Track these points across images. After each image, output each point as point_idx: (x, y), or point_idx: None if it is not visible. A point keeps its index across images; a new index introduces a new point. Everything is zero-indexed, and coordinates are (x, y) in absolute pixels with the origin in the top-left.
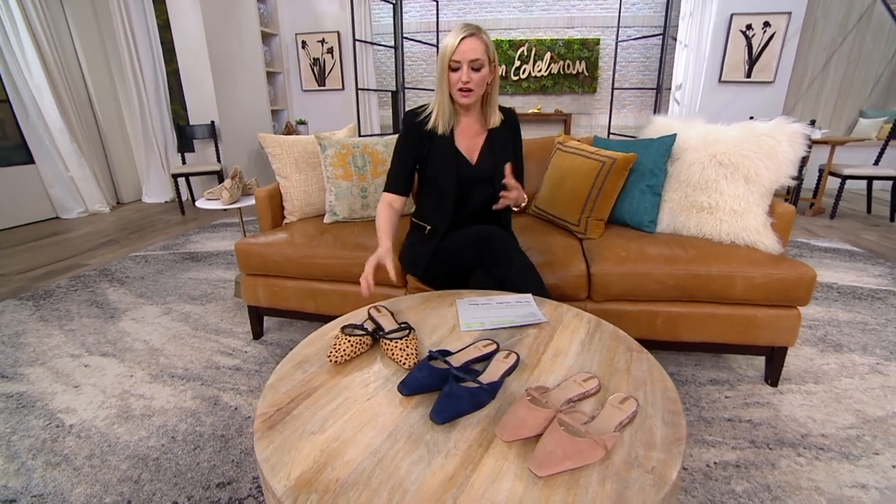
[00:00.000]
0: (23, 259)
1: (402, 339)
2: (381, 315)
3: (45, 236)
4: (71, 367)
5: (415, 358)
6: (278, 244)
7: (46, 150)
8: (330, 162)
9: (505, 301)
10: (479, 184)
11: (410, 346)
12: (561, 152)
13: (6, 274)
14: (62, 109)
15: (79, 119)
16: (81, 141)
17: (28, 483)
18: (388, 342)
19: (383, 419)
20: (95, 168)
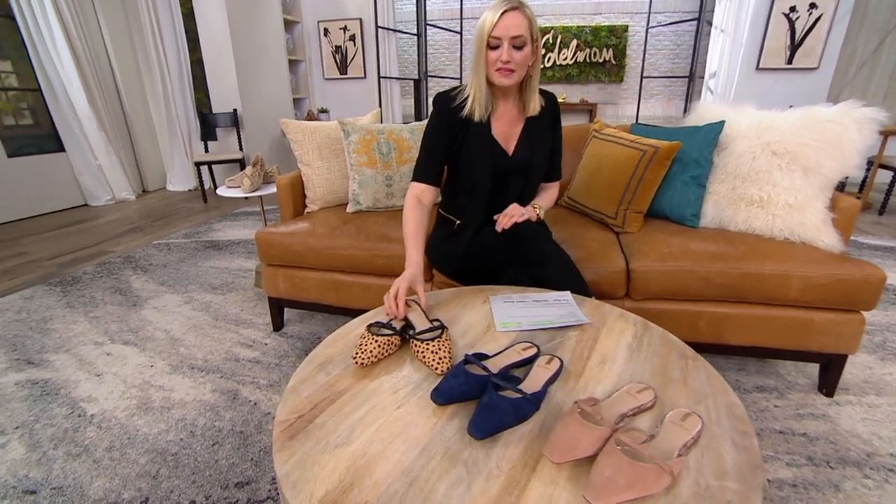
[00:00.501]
0: (53, 245)
1: (435, 341)
2: (411, 310)
3: (73, 223)
4: (94, 355)
5: (448, 363)
6: (299, 234)
7: (76, 138)
8: (353, 149)
9: (542, 299)
10: (515, 176)
11: (444, 348)
12: (597, 140)
13: (37, 260)
14: (90, 97)
15: (106, 107)
16: (109, 129)
17: (49, 474)
18: (418, 343)
19: (415, 431)
20: (122, 156)
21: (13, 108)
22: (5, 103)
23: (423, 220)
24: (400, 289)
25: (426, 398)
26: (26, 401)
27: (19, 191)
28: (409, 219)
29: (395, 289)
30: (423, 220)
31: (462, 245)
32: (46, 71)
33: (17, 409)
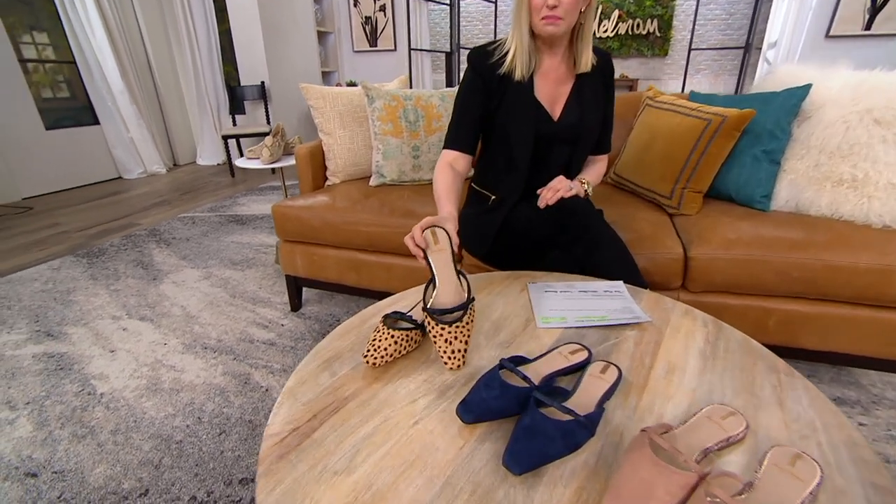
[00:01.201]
0: (84, 217)
1: (454, 326)
2: (435, 252)
3: (106, 195)
4: (110, 330)
5: (462, 358)
6: (318, 208)
7: (109, 111)
8: (378, 116)
9: (590, 289)
10: (561, 144)
11: (461, 336)
12: (651, 109)
13: (68, 231)
14: (122, 70)
15: (138, 80)
16: (140, 102)
17: (52, 456)
18: (432, 323)
19: (436, 458)
20: (153, 129)
21: (50, 80)
22: (43, 76)
23: (457, 183)
24: (424, 221)
25: (451, 412)
26: (40, 375)
27: (57, 163)
28: (440, 180)
29: (416, 230)
30: (457, 183)
31: (497, 222)
32: (80, 43)
33: (31, 383)
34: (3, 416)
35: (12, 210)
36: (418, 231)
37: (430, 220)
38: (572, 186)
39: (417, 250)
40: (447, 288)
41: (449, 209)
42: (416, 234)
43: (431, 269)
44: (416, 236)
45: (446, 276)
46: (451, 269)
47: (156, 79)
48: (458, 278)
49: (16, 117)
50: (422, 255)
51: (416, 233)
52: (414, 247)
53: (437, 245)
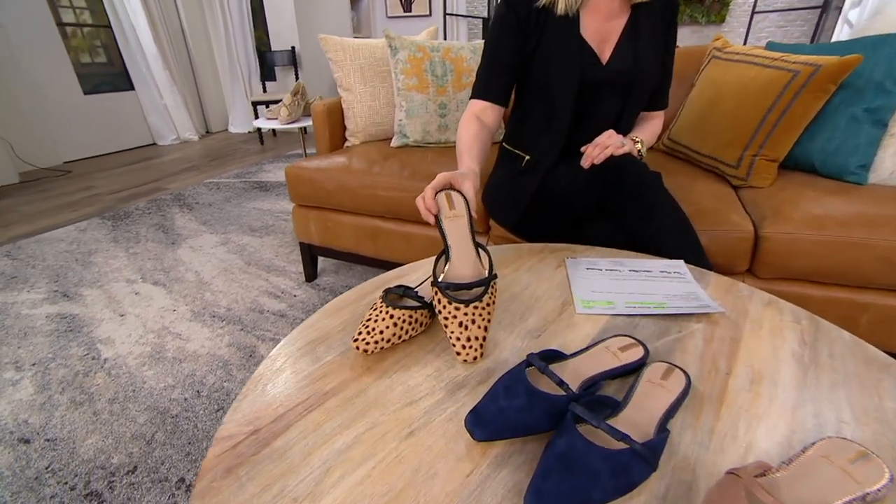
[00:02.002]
0: (116, 181)
1: (470, 306)
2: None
3: (139, 160)
4: (123, 293)
5: (479, 349)
6: (333, 170)
7: (143, 76)
8: (402, 69)
9: (644, 268)
10: (611, 93)
11: (480, 320)
12: (719, 62)
13: (99, 194)
14: (156, 35)
15: (171, 46)
16: (173, 68)
17: (47, 422)
18: (444, 301)
19: (432, 489)
20: (186, 96)
21: (88, 45)
22: (80, 40)
23: (483, 136)
24: (437, 179)
25: (459, 421)
26: (50, 336)
27: (95, 128)
28: (463, 133)
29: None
30: (483, 136)
31: (531, 186)
32: (115, 6)
33: (41, 344)
34: (7, 377)
35: (53, 173)
36: (430, 193)
37: (445, 178)
38: (624, 142)
39: (429, 215)
40: (463, 261)
41: (469, 164)
42: (427, 196)
43: (444, 238)
44: (427, 198)
45: (462, 246)
46: (467, 239)
47: (189, 45)
48: (477, 251)
49: (56, 82)
50: (433, 220)
51: (427, 194)
52: (425, 210)
53: (452, 210)
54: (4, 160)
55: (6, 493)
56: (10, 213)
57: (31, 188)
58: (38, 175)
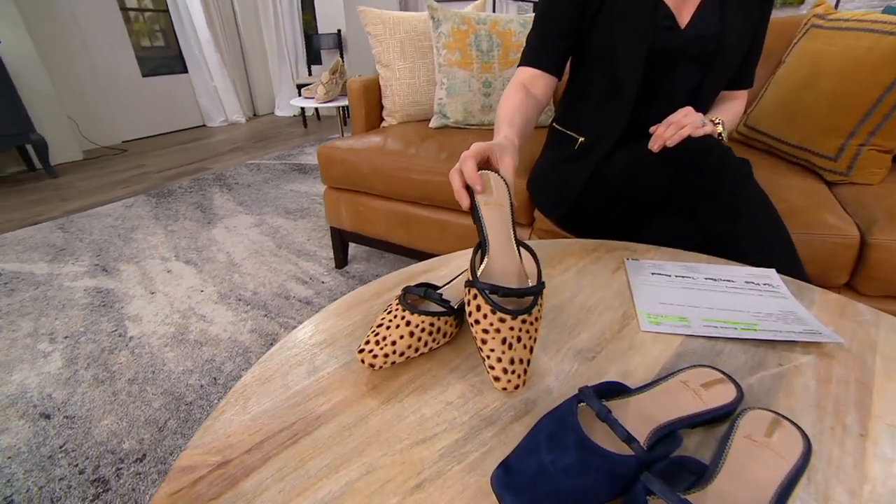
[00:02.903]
0: (166, 160)
1: (518, 319)
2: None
3: (189, 141)
4: (156, 271)
5: (523, 375)
6: (366, 150)
7: (196, 59)
8: (444, 43)
9: (724, 277)
10: (687, 65)
11: (525, 338)
12: (820, 31)
13: (148, 172)
14: (209, 19)
15: (223, 30)
16: (224, 52)
17: (69, 398)
18: (487, 313)
19: None
20: (235, 79)
21: (148, 29)
22: (141, 24)
23: (529, 107)
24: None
25: (482, 475)
26: (85, 310)
27: (151, 109)
28: (505, 102)
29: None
30: (529, 107)
31: (584, 172)
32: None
33: (75, 317)
34: (41, 348)
35: (111, 152)
36: (472, 165)
37: (482, 149)
38: (705, 122)
39: (465, 195)
40: (503, 260)
41: (507, 133)
42: (469, 170)
43: (482, 229)
44: (469, 172)
45: (502, 241)
46: (508, 233)
47: (240, 29)
48: (518, 250)
49: (118, 65)
50: (468, 203)
51: (468, 166)
52: (460, 187)
53: (491, 195)
54: (70, 139)
55: (20, 470)
56: (70, 189)
57: (92, 165)
58: (98, 153)
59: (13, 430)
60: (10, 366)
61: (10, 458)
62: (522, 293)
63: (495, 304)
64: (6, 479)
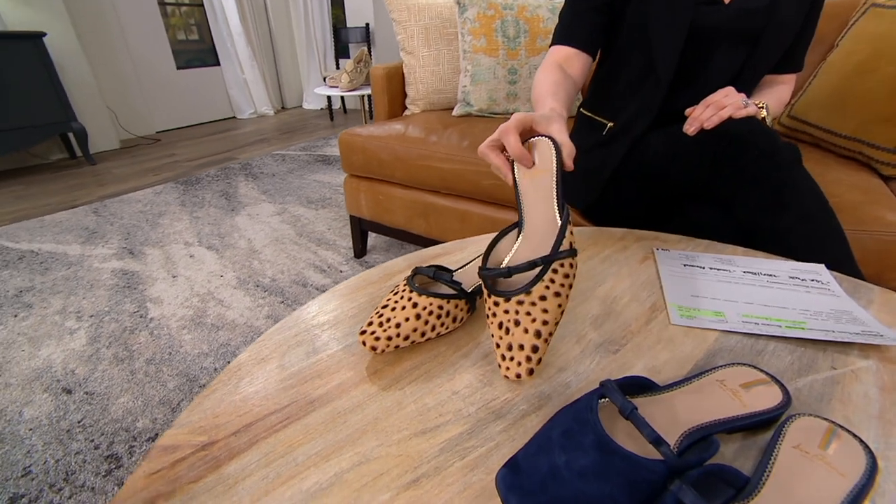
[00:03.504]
0: (195, 150)
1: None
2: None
3: (218, 132)
4: (179, 255)
5: (525, 361)
6: (387, 137)
7: (228, 52)
8: (469, 28)
9: (766, 271)
10: (730, 43)
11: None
12: (882, 10)
13: (179, 161)
14: (242, 13)
15: (255, 23)
16: (255, 45)
17: (90, 374)
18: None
19: None
20: (265, 72)
21: (184, 23)
22: (178, 19)
23: (568, 85)
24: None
25: (487, 474)
26: (111, 290)
27: (184, 101)
28: (541, 80)
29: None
30: (568, 85)
31: (615, 157)
32: None
33: (102, 297)
34: (69, 325)
35: (145, 141)
36: (514, 138)
37: (524, 119)
38: (747, 103)
39: (506, 167)
40: (539, 235)
41: (552, 105)
42: (511, 143)
43: (519, 204)
44: (512, 146)
45: (540, 214)
46: (550, 204)
47: (271, 23)
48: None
49: (154, 57)
50: (512, 177)
51: (510, 141)
52: (502, 162)
53: (533, 165)
54: (109, 128)
55: (39, 442)
56: (107, 175)
57: (127, 154)
58: (134, 142)
59: (36, 403)
60: (38, 341)
61: (32, 430)
62: (522, 270)
63: (490, 288)
64: (26, 451)
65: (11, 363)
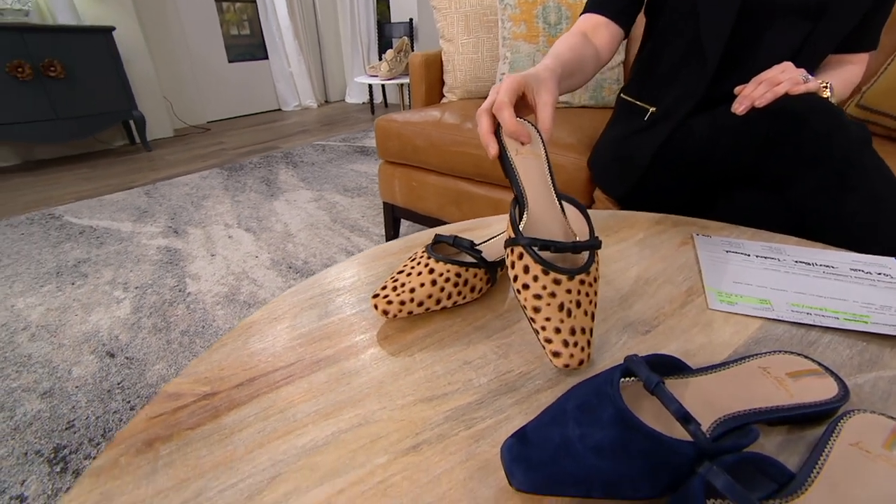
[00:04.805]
0: (242, 138)
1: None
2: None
3: (264, 123)
4: (219, 235)
5: (587, 346)
6: (423, 123)
7: (276, 46)
8: (510, 15)
9: (823, 261)
10: (787, 19)
11: (587, 299)
12: None
13: (226, 149)
14: (290, 9)
15: (303, 18)
16: (302, 39)
17: (131, 341)
18: (538, 275)
19: None
20: (311, 66)
21: (237, 19)
22: (232, 15)
23: (585, 52)
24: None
25: (492, 445)
26: (155, 265)
27: (234, 93)
28: (558, 43)
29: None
30: (585, 52)
31: (653, 144)
32: None
33: (146, 271)
34: (116, 295)
35: (196, 130)
36: (508, 113)
37: (516, 85)
38: (808, 78)
39: (491, 139)
40: (545, 216)
41: (547, 63)
42: (505, 118)
43: (515, 181)
44: (505, 120)
45: (541, 195)
46: (547, 186)
47: (318, 17)
48: (560, 204)
49: (209, 51)
50: (497, 150)
51: (504, 116)
52: (488, 130)
53: (524, 145)
54: (164, 118)
55: (83, 399)
56: (160, 161)
57: (179, 142)
58: (186, 131)
59: (84, 364)
60: (90, 308)
61: (78, 388)
62: (579, 248)
63: (547, 264)
64: (72, 406)
65: (66, 326)
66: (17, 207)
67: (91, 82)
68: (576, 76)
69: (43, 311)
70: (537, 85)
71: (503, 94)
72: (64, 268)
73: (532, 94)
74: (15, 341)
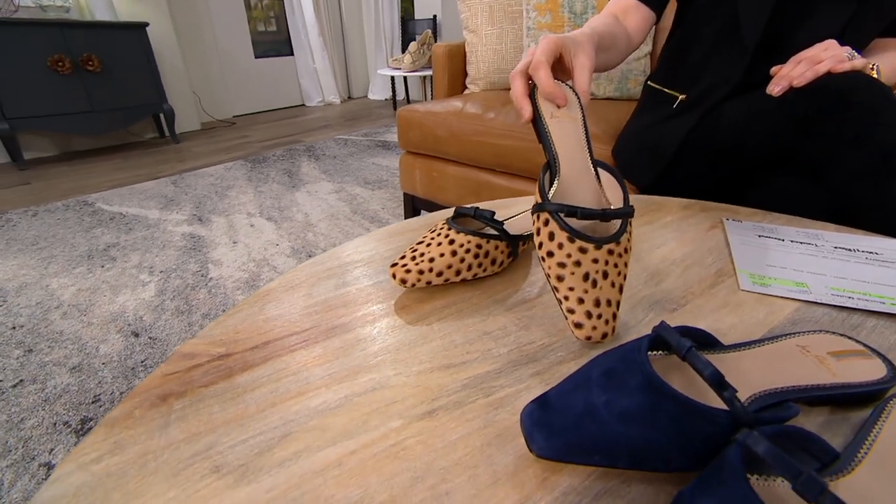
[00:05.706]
0: (266, 132)
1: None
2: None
3: (288, 118)
4: (241, 224)
5: (612, 319)
6: (444, 114)
7: (301, 42)
8: (535, 4)
9: (863, 248)
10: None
11: (616, 270)
12: None
13: (251, 142)
14: (316, 5)
15: (328, 15)
16: (326, 36)
17: (155, 322)
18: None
19: None
20: (334, 62)
21: (265, 16)
22: (260, 12)
23: (617, 32)
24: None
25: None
26: (179, 251)
27: (259, 88)
28: (590, 20)
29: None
30: (617, 32)
31: (681, 131)
32: None
33: (171, 256)
34: (142, 278)
35: (223, 124)
36: (545, 73)
37: (554, 46)
38: (853, 55)
39: (526, 102)
40: (579, 182)
41: (584, 30)
42: (541, 78)
43: (548, 145)
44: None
45: (576, 160)
46: (583, 151)
47: (342, 13)
48: (596, 171)
49: (236, 47)
50: (531, 113)
51: (541, 76)
52: (522, 93)
53: (560, 108)
54: (192, 111)
55: (109, 375)
56: (187, 152)
57: (206, 135)
58: (213, 125)
59: (110, 342)
60: (117, 289)
61: (104, 364)
62: (609, 216)
63: (574, 231)
64: (98, 381)
65: (95, 306)
66: (55, 195)
67: (125, 76)
68: (610, 52)
69: (74, 292)
70: (575, 47)
71: (540, 54)
72: (95, 251)
73: (570, 57)
74: (48, 318)
